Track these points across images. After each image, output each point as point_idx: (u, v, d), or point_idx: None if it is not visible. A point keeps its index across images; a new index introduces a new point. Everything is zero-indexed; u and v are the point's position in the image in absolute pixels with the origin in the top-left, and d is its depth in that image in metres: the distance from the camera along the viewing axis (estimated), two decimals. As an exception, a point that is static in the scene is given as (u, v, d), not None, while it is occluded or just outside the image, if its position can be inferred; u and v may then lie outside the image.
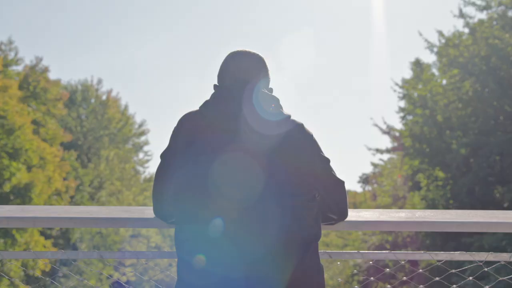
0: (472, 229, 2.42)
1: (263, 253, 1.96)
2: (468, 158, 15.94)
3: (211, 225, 1.96)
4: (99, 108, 31.07)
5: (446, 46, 17.33)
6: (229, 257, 1.95)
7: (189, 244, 2.00)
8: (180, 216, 2.07)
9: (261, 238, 1.97)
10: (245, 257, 1.95)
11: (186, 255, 2.00)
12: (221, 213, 1.97)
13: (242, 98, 2.14)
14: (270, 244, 1.97)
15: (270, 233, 1.98)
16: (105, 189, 27.65)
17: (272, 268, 1.96)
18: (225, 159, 2.03)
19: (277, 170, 2.04)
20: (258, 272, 1.94)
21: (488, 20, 16.55)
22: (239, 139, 2.06)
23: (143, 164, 34.91)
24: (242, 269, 1.93)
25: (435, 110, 17.06)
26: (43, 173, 18.45)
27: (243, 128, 2.07)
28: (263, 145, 2.06)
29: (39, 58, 23.73)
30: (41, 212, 2.51)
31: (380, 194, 20.39)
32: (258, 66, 2.30)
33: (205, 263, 1.95)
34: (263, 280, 1.94)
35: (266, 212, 1.99)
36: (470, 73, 16.20)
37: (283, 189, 2.03)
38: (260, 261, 1.95)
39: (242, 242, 1.95)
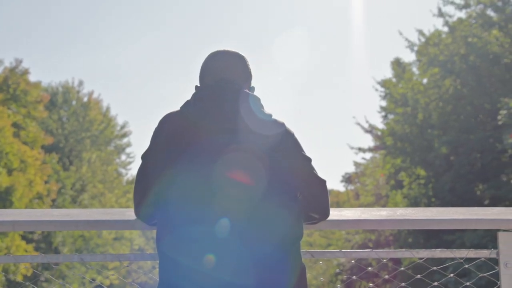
0: (452, 226, 2.43)
1: (271, 251, 1.97)
2: (449, 156, 16.09)
3: (218, 225, 1.95)
4: (80, 110, 30.85)
5: (426, 45, 17.48)
6: (235, 258, 1.94)
7: (196, 246, 1.97)
8: (179, 218, 2.03)
9: (269, 237, 1.98)
10: (253, 257, 1.95)
11: (185, 257, 1.97)
12: (227, 213, 1.97)
13: (226, 97, 2.14)
14: (278, 242, 1.99)
15: (276, 232, 1.99)
16: (88, 192, 27.45)
17: (278, 266, 1.97)
18: (228, 158, 2.03)
19: (273, 169, 2.06)
20: (264, 273, 1.95)
21: (467, 18, 16.71)
22: (236, 139, 2.06)
23: (126, 166, 34.73)
24: (248, 270, 1.94)
25: (416, 108, 17.20)
26: (24, 176, 18.26)
27: (241, 128, 2.07)
28: (261, 145, 2.07)
29: (19, 60, 23.49)
30: (20, 216, 2.48)
31: (362, 193, 20.50)
32: (238, 65, 2.30)
33: (207, 265, 1.94)
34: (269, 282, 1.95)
35: (271, 211, 2.00)
36: (450, 71, 16.35)
37: (280, 188, 2.05)
38: (267, 260, 1.96)
39: (250, 242, 1.96)
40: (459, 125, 16.11)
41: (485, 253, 2.49)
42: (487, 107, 16.06)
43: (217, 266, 1.93)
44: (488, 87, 15.89)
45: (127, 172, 34.88)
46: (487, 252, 2.49)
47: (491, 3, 16.36)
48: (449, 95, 16.48)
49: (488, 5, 16.46)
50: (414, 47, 18.08)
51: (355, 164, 23.01)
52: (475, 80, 15.83)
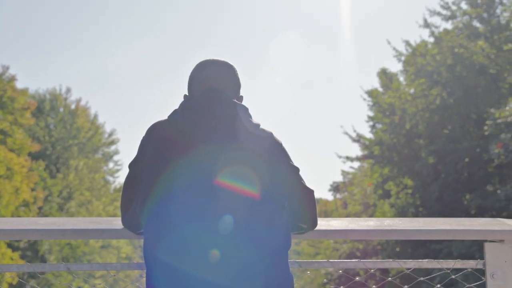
0: (440, 237, 2.44)
1: (259, 261, 1.97)
2: (437, 165, 16.18)
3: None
4: (67, 118, 30.71)
5: (413, 55, 17.61)
6: (226, 265, 1.94)
7: (183, 252, 1.96)
8: (168, 226, 2.01)
9: (257, 246, 1.98)
10: (243, 266, 1.95)
11: (175, 263, 1.96)
12: (216, 223, 1.97)
13: (213, 106, 2.14)
14: (266, 252, 1.99)
15: (264, 242, 2.00)
16: (75, 200, 27.29)
17: (266, 276, 1.97)
18: (216, 167, 2.03)
19: (261, 179, 2.06)
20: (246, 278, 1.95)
21: (454, 29, 16.87)
22: (224, 148, 2.06)
23: (113, 174, 34.56)
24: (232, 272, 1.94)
25: (404, 118, 17.29)
26: (10, 183, 18.12)
27: (229, 136, 2.07)
28: (248, 154, 2.08)
29: (6, 66, 23.35)
30: (6, 224, 2.46)
31: (350, 202, 20.54)
32: (226, 74, 2.30)
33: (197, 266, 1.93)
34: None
35: (258, 221, 2.01)
36: (436, 81, 16.47)
37: (267, 198, 2.06)
38: (256, 269, 1.96)
39: (238, 251, 1.96)
40: (446, 135, 16.23)
41: (471, 264, 2.50)
42: (473, 117, 16.19)
43: (208, 271, 1.93)
44: (474, 97, 16.03)
45: (115, 180, 34.74)
46: (473, 262, 2.50)
47: (477, 14, 16.54)
48: (436, 105, 16.60)
49: (474, 16, 16.64)
50: (401, 57, 18.22)
51: (343, 173, 23.06)
52: (462, 90, 15.97)
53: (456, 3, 16.94)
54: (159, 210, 2.03)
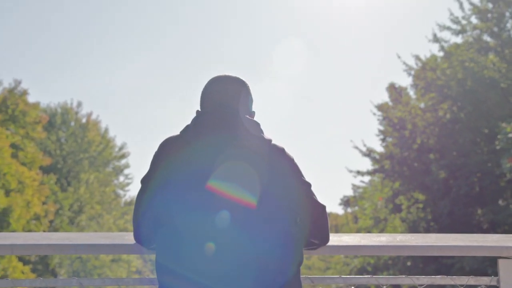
0: (452, 253, 2.43)
1: (272, 277, 1.98)
2: (448, 180, 16.09)
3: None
4: (78, 131, 30.87)
5: (423, 70, 17.58)
6: (236, 277, 1.95)
7: (199, 263, 1.98)
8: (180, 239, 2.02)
9: (269, 262, 1.99)
10: (255, 281, 1.96)
11: (190, 274, 1.98)
12: (227, 234, 1.98)
13: (225, 122, 2.15)
14: (278, 268, 2.00)
15: (276, 257, 2.00)
16: (85, 213, 27.36)
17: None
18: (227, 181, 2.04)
19: (272, 194, 2.06)
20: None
21: (464, 44, 16.84)
22: (234, 163, 2.07)
23: (124, 188, 34.64)
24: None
25: (414, 132, 17.24)
26: (21, 197, 18.21)
27: (239, 152, 2.08)
28: (259, 170, 2.07)
29: (18, 81, 23.57)
30: (19, 239, 2.47)
31: (361, 216, 20.44)
32: (238, 90, 2.31)
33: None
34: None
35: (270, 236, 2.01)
36: (446, 96, 16.43)
37: (279, 213, 2.05)
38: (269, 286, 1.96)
39: (251, 266, 1.97)
40: (457, 149, 16.14)
41: (485, 280, 2.48)
42: (484, 131, 16.11)
43: (220, 281, 1.94)
44: (485, 111, 15.96)
45: (125, 193, 34.80)
46: (487, 279, 2.48)
47: (487, 29, 16.51)
48: (447, 119, 16.54)
49: (484, 30, 16.62)
50: (411, 71, 18.20)
51: (354, 187, 22.96)
52: (472, 105, 15.91)
53: (466, 17, 16.93)
54: (171, 224, 2.04)
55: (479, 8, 16.59)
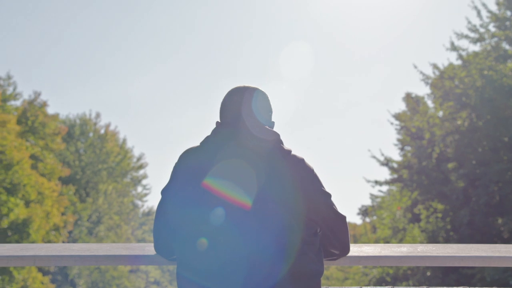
0: (474, 263, 2.41)
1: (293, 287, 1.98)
2: (467, 189, 15.94)
3: (241, 255, 1.97)
4: (97, 142, 31.11)
5: (441, 78, 17.47)
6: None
7: (229, 267, 1.99)
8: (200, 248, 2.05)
9: (291, 271, 1.99)
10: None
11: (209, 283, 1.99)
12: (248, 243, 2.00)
13: (244, 133, 2.16)
14: (300, 277, 2.01)
15: (298, 267, 2.01)
16: (104, 224, 27.51)
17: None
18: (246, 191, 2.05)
19: (293, 205, 2.06)
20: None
21: (482, 52, 16.71)
22: (253, 174, 2.08)
23: (142, 198, 34.80)
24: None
25: (433, 141, 17.13)
26: (41, 208, 18.37)
27: (258, 163, 2.08)
28: (279, 181, 2.08)
29: (38, 92, 23.87)
30: (41, 251, 2.50)
31: (379, 226, 20.30)
32: (257, 100, 2.32)
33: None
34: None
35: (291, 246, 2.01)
36: (465, 104, 16.31)
37: (299, 224, 2.05)
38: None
39: (271, 275, 1.98)
40: (476, 158, 15.99)
41: (507, 291, 2.46)
42: (504, 139, 15.94)
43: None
44: (504, 120, 15.79)
45: (143, 204, 34.96)
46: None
47: (505, 36, 16.37)
48: (465, 128, 16.41)
49: (503, 38, 16.48)
50: (428, 80, 18.09)
51: (372, 196, 22.84)
52: (491, 113, 15.76)
53: (484, 25, 16.81)
54: (192, 235, 2.04)
55: (497, 16, 16.48)
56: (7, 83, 22.59)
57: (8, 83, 22.61)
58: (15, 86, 22.75)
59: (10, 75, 22.69)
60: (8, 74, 22.67)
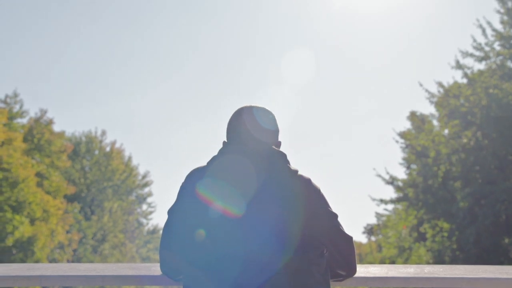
0: (482, 285, 2.39)
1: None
2: (473, 208, 15.85)
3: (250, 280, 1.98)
4: (102, 160, 31.18)
5: (446, 97, 17.47)
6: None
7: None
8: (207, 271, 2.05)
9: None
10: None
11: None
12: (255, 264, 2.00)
13: (250, 153, 2.16)
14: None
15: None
16: (108, 242, 27.46)
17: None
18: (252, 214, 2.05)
19: (299, 226, 2.06)
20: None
21: (487, 70, 16.73)
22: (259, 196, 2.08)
23: (147, 216, 34.77)
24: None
25: (438, 160, 17.08)
26: (46, 226, 18.38)
27: (265, 185, 2.09)
28: (285, 202, 2.08)
29: (44, 110, 24.00)
30: (47, 270, 2.50)
31: (385, 245, 20.19)
32: (264, 121, 2.32)
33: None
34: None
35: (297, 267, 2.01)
36: (470, 123, 16.29)
37: (306, 245, 2.05)
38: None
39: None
40: (482, 177, 15.93)
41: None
42: (510, 158, 15.89)
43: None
44: (510, 138, 15.76)
45: (148, 222, 34.92)
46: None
47: (510, 55, 16.40)
48: (471, 146, 16.37)
49: (508, 56, 16.51)
50: (433, 99, 18.10)
51: (377, 215, 22.76)
52: (497, 131, 15.73)
53: (489, 44, 16.85)
54: (198, 255, 2.04)
55: (502, 34, 16.53)
56: (14, 101, 22.72)
57: (15, 101, 22.75)
58: (21, 104, 22.88)
59: (17, 93, 22.85)
60: (15, 92, 22.82)
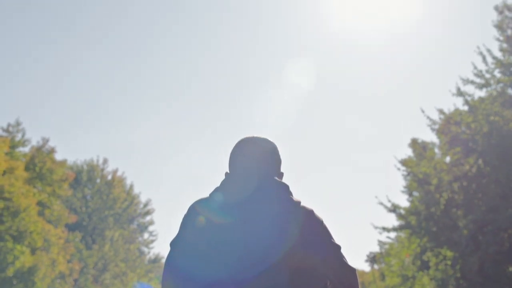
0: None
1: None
2: (476, 235, 15.75)
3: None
4: (104, 188, 31.13)
5: (448, 124, 17.48)
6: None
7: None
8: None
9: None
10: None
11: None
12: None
13: (251, 186, 2.16)
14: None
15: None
16: (110, 271, 27.26)
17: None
18: (252, 248, 2.05)
19: (301, 258, 2.05)
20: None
21: (488, 97, 16.77)
22: (261, 229, 2.08)
23: (148, 245, 34.57)
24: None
25: (440, 187, 17.03)
26: (47, 255, 18.28)
27: (267, 217, 2.09)
28: (286, 234, 2.08)
29: (46, 139, 24.03)
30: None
31: (388, 274, 20.02)
32: (266, 152, 2.32)
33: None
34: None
35: None
36: (472, 150, 16.28)
37: (308, 277, 2.04)
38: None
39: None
40: (485, 204, 15.86)
41: None
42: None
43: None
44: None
45: (149, 250, 34.70)
46: None
47: (511, 82, 16.46)
48: (473, 174, 16.34)
49: (508, 84, 16.57)
50: (435, 126, 18.10)
51: (380, 243, 22.62)
52: (499, 159, 15.71)
53: (490, 71, 16.91)
54: (201, 286, 2.04)
55: (502, 62, 16.61)
56: (16, 130, 22.78)
57: (17, 129, 22.80)
58: (23, 132, 22.92)
59: (19, 121, 22.91)
60: (17, 121, 22.88)
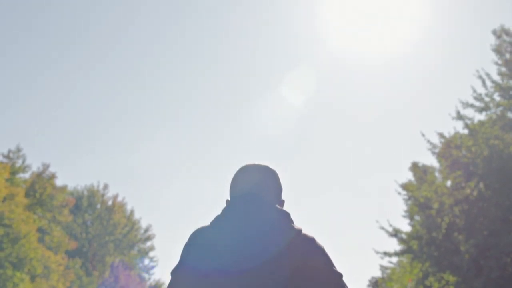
0: None
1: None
2: (478, 259, 15.66)
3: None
4: (104, 214, 31.05)
5: (448, 147, 17.49)
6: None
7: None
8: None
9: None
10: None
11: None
12: None
13: (254, 213, 2.16)
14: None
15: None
16: (109, 298, 27.05)
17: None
18: (253, 280, 2.05)
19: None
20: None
21: (488, 121, 16.81)
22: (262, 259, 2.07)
23: (149, 271, 34.35)
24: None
25: (441, 211, 16.97)
26: (47, 283, 18.15)
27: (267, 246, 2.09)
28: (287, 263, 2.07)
29: (46, 164, 24.04)
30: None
31: (391, 300, 19.87)
32: (267, 179, 2.32)
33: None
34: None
35: None
36: (473, 173, 16.26)
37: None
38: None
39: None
40: (486, 228, 15.79)
41: None
42: (514, 209, 15.80)
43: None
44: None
45: (150, 277, 34.45)
46: None
47: (510, 106, 16.52)
48: (474, 197, 16.30)
49: (508, 107, 16.63)
50: (435, 149, 18.11)
51: (382, 268, 22.46)
52: (500, 182, 15.68)
53: (489, 94, 16.97)
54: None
55: (501, 86, 16.69)
56: (17, 156, 22.80)
57: (18, 155, 22.82)
58: (24, 158, 22.94)
59: (20, 147, 22.95)
60: (18, 147, 22.92)
